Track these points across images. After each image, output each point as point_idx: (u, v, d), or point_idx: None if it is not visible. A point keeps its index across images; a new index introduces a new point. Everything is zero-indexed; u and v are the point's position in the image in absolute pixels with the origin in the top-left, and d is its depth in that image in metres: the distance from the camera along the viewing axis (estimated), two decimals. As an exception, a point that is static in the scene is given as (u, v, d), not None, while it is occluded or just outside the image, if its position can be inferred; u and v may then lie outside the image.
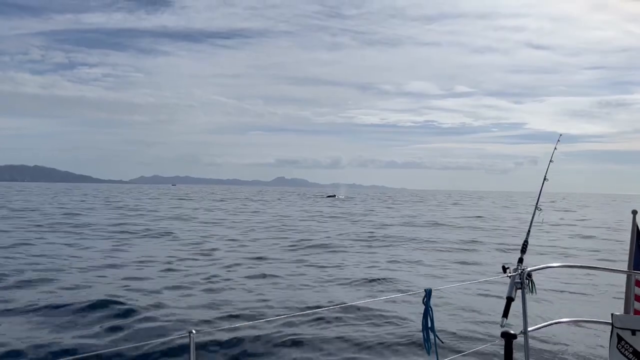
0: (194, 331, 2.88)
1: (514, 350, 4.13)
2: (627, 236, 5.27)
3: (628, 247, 5.15)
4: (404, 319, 9.69)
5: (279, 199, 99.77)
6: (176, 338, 7.72)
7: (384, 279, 14.56)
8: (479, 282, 10.35)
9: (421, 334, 4.15)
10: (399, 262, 18.69)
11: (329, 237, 27.95)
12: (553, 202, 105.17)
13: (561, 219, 47.19)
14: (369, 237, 28.06)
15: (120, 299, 11.26)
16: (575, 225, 41.00)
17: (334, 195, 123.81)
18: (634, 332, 4.68)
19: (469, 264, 18.54)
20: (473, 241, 26.43)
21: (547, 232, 30.20)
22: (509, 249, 22.19)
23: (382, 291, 12.86)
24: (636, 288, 4.99)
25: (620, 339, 4.75)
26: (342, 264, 18.00)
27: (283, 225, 35.83)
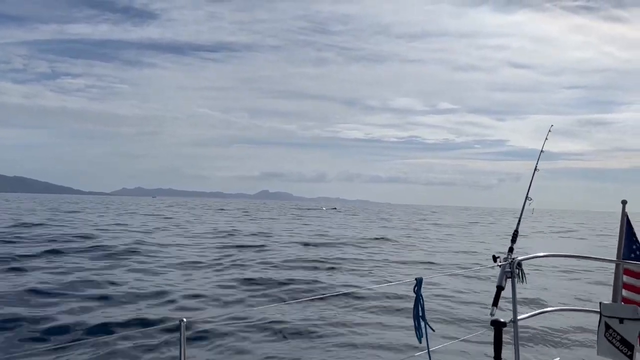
0: (184, 319, 2.85)
1: (503, 338, 4.16)
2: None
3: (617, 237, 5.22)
4: (395, 307, 9.72)
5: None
6: (167, 326, 7.63)
7: None
8: (470, 271, 10.41)
9: (412, 322, 4.16)
10: None
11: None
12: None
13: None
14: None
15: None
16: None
17: (335, 208, 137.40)
18: (621, 320, 4.74)
19: None
20: None
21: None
22: None
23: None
24: (624, 277, 5.06)
25: (608, 327, 4.80)
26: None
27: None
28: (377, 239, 32.37)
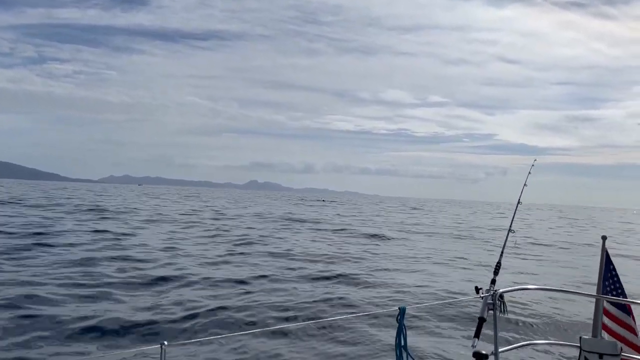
0: (165, 343, 2.83)
1: None
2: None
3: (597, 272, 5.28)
4: (377, 336, 9.59)
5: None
6: (147, 349, 7.51)
7: None
8: (453, 301, 10.45)
9: (394, 352, 4.17)
10: None
11: None
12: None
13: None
14: None
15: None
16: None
17: (324, 200, 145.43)
18: (601, 355, 4.80)
19: None
20: None
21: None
22: None
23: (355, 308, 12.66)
24: (603, 313, 5.12)
25: (587, 361, 4.87)
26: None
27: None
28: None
